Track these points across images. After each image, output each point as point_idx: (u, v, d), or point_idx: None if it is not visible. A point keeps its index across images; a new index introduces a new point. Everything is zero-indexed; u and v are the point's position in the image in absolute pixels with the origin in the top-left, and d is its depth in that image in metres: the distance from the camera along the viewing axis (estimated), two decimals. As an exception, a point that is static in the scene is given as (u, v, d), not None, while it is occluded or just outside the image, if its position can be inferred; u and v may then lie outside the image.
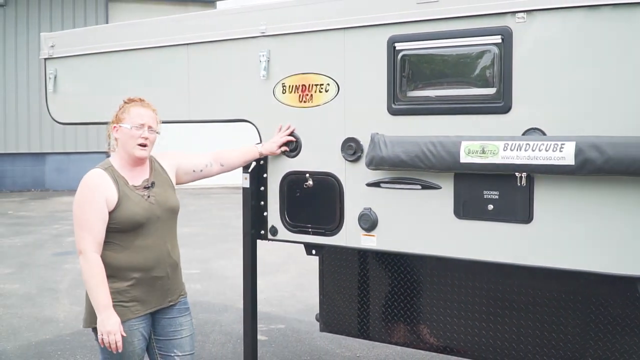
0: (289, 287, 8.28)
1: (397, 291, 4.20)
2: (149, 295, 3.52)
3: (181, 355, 3.67)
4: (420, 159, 3.49)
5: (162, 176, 3.66)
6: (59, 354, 5.97)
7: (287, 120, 4.07)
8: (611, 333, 3.59)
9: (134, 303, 3.47)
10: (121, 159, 3.54)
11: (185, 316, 3.72)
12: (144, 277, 3.48)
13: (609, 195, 3.15)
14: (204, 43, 4.36)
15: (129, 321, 3.45)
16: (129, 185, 3.48)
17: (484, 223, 3.47)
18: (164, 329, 3.64)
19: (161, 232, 3.54)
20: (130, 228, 3.42)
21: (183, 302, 3.72)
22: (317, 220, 4.03)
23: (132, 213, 3.41)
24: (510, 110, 3.35)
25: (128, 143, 3.48)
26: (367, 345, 5.83)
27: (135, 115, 3.51)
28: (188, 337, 3.72)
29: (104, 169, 3.49)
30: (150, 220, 3.47)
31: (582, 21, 3.17)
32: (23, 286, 8.44)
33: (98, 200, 3.37)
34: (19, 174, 19.18)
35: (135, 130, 3.47)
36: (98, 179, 3.45)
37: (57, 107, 5.22)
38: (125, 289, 3.45)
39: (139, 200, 3.46)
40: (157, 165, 3.69)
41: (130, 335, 3.46)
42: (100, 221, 3.37)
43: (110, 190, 3.40)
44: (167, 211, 3.58)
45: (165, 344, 3.66)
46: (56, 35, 5.20)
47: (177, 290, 3.68)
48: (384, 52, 3.69)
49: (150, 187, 3.54)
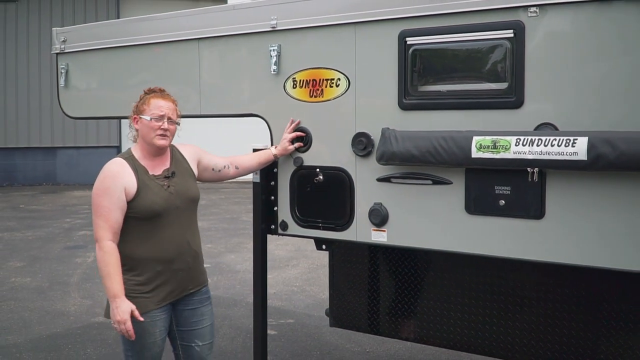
0: (299, 282, 8.28)
1: (407, 287, 4.19)
2: (170, 286, 3.55)
3: (202, 345, 3.73)
4: (431, 154, 3.47)
5: (183, 166, 3.69)
6: (70, 347, 6.00)
7: (297, 115, 4.07)
8: (623, 330, 3.56)
9: (156, 294, 3.50)
10: (142, 149, 3.57)
11: (207, 306, 3.77)
12: (165, 268, 3.51)
13: (622, 191, 3.13)
14: (215, 38, 4.36)
15: (150, 312, 3.48)
16: (149, 174, 3.51)
17: (495, 219, 3.45)
18: (187, 320, 3.69)
19: (180, 222, 3.56)
20: (149, 217, 3.45)
21: (205, 290, 3.77)
22: (327, 215, 4.02)
23: (150, 202, 3.44)
24: (522, 105, 3.34)
25: (148, 134, 3.52)
26: (376, 340, 5.82)
27: (155, 106, 3.53)
28: (208, 327, 3.78)
29: (125, 158, 3.53)
30: (169, 210, 3.49)
31: (594, 15, 3.15)
32: (34, 280, 8.49)
33: (116, 189, 3.40)
34: (30, 168, 19.26)
35: (154, 122, 3.49)
36: (118, 168, 3.48)
37: (69, 101, 5.24)
38: (146, 280, 3.49)
39: (159, 189, 3.49)
40: (178, 155, 3.71)
41: (152, 326, 3.49)
42: (117, 209, 3.39)
43: (130, 179, 3.43)
44: (187, 201, 3.61)
45: (187, 334, 3.71)
46: (68, 30, 5.21)
47: (198, 278, 3.72)
48: (395, 47, 3.68)
49: (171, 176, 3.57)
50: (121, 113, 5.20)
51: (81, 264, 9.30)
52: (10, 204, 15.42)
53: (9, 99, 19.01)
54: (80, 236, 11.42)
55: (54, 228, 12.24)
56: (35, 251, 10.19)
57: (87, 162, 19.17)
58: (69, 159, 19.35)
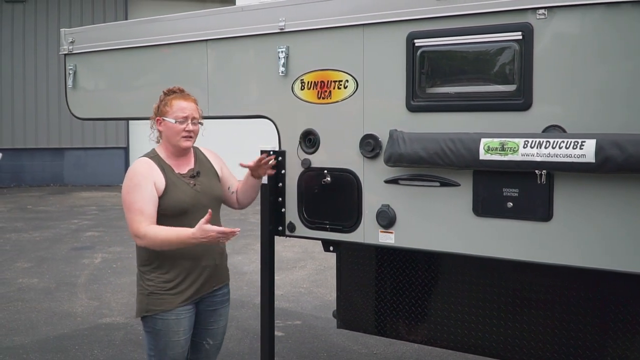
0: (306, 284, 8.29)
1: (415, 288, 4.18)
2: (197, 283, 3.60)
3: (212, 344, 3.80)
4: (439, 155, 3.47)
5: (207, 166, 3.73)
6: (77, 348, 6.01)
7: (305, 116, 4.07)
8: (630, 332, 3.55)
9: (182, 291, 3.54)
10: (166, 149, 3.62)
11: (225, 307, 3.85)
12: (193, 265, 3.55)
13: (630, 193, 3.12)
14: (223, 39, 4.37)
15: (176, 309, 3.53)
16: (175, 172, 3.54)
17: (503, 221, 3.45)
18: (205, 319, 3.75)
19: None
20: (177, 214, 3.50)
21: (226, 291, 3.82)
22: (334, 217, 4.02)
23: (178, 200, 3.48)
24: (531, 107, 3.33)
25: (173, 137, 3.55)
26: (384, 342, 5.82)
27: (178, 108, 3.56)
28: (222, 327, 3.86)
29: (150, 157, 3.58)
30: (196, 207, 3.53)
31: (602, 17, 3.14)
32: (41, 280, 8.51)
33: (147, 184, 3.45)
34: (38, 169, 19.32)
35: (179, 124, 3.52)
36: (146, 165, 3.54)
37: (77, 102, 5.26)
38: (174, 277, 3.53)
39: (185, 187, 3.53)
40: (202, 156, 3.76)
41: (176, 324, 3.54)
42: (151, 203, 3.43)
43: (158, 177, 3.49)
44: (212, 199, 3.66)
45: (200, 331, 3.76)
46: (76, 31, 5.23)
47: (222, 276, 3.79)
48: (403, 49, 3.68)
49: (196, 175, 3.62)
50: (129, 114, 5.24)
51: (88, 265, 9.32)
52: (17, 204, 15.46)
53: (17, 100, 19.08)
54: (87, 237, 11.44)
55: (61, 229, 12.27)
56: (42, 252, 10.22)
57: (95, 163, 19.24)
58: (76, 160, 19.40)
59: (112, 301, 7.58)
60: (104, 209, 14.64)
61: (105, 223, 12.80)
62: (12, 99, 19.08)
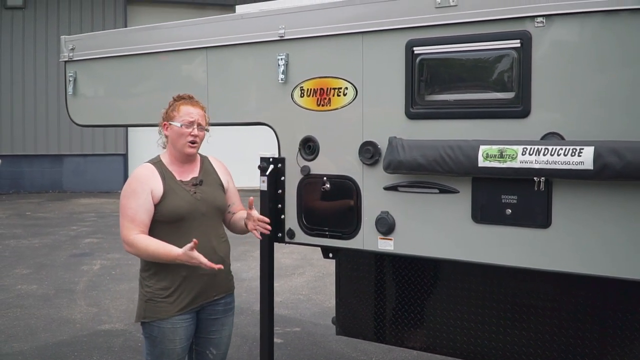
0: (305, 290, 8.28)
1: (414, 295, 4.19)
2: (194, 292, 3.60)
3: (216, 354, 3.80)
4: (438, 162, 3.48)
5: (212, 176, 3.74)
6: (76, 355, 6.01)
7: (305, 124, 4.08)
8: (630, 339, 3.56)
9: (178, 300, 3.54)
10: (170, 155, 3.64)
11: (229, 316, 3.84)
12: (190, 274, 3.55)
13: (628, 200, 3.13)
14: (223, 47, 4.38)
15: (172, 318, 3.53)
16: (176, 179, 3.57)
17: (502, 228, 3.46)
18: (207, 328, 3.74)
19: (206, 229, 3.61)
20: (174, 220, 3.51)
21: (230, 300, 3.81)
22: (334, 224, 4.03)
23: (175, 206, 3.50)
24: (529, 114, 3.34)
25: (178, 141, 3.58)
26: (383, 349, 5.82)
27: (185, 113, 3.60)
28: (226, 337, 3.86)
29: (153, 164, 3.62)
30: (194, 215, 3.54)
31: (601, 25, 3.16)
32: (40, 287, 8.51)
33: (143, 191, 3.48)
34: (37, 176, 19.29)
35: (185, 128, 3.55)
36: (146, 172, 3.57)
37: (76, 109, 5.27)
38: (170, 285, 3.52)
39: (184, 194, 3.55)
40: (209, 166, 3.77)
41: (172, 332, 3.54)
42: (144, 211, 3.46)
43: (157, 183, 3.51)
44: (213, 209, 3.67)
45: (203, 341, 3.76)
46: (76, 38, 5.24)
47: (224, 285, 3.78)
48: (402, 56, 3.69)
49: (198, 184, 3.62)
50: (128, 121, 5.25)
51: (87, 272, 9.32)
52: (16, 211, 15.45)
53: (16, 106, 19.05)
54: (86, 244, 11.44)
55: (60, 235, 12.26)
56: (41, 258, 10.21)
57: (94, 169, 19.22)
58: (75, 167, 19.39)
59: (111, 308, 7.58)
60: (102, 216, 14.63)
61: (104, 230, 12.80)
62: (12, 106, 19.07)
